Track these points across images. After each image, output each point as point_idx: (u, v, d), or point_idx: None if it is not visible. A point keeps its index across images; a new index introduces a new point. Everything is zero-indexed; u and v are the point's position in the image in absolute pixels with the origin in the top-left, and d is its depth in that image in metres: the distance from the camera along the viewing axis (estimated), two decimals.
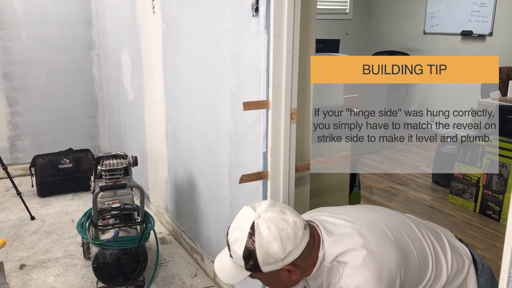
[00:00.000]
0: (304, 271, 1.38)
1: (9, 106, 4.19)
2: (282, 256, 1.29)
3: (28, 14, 4.11)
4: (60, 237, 3.11)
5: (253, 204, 1.38)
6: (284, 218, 1.31)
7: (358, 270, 1.30)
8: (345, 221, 1.43)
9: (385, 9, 6.61)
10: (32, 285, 2.53)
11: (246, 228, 1.30)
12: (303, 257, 1.33)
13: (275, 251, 1.28)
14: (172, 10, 2.67)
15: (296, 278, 1.36)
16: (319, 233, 1.40)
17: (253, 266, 1.30)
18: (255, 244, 1.28)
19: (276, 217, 1.31)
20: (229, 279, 1.41)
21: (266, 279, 1.38)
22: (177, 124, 2.83)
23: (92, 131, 4.63)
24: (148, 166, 3.44)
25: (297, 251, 1.30)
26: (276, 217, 1.31)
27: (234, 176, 2.17)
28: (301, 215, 1.41)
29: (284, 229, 1.29)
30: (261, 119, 1.91)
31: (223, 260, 1.40)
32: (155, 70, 3.03)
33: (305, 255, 1.33)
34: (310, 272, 1.39)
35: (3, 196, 3.82)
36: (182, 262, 2.78)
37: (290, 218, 1.32)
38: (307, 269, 1.38)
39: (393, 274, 1.31)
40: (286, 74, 1.82)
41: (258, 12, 1.83)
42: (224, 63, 2.16)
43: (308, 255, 1.35)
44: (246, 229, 1.30)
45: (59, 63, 4.33)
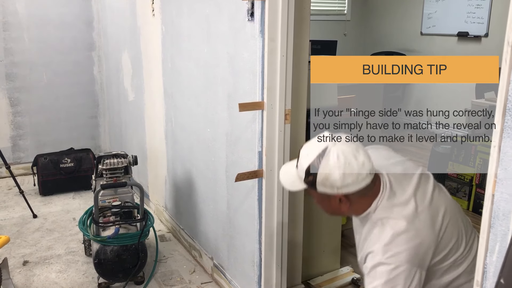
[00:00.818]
0: (353, 209, 1.49)
1: (11, 106, 4.27)
2: (339, 185, 1.40)
3: (30, 16, 4.19)
4: (62, 234, 3.18)
5: (334, 134, 1.46)
6: (355, 155, 1.40)
7: (394, 240, 1.37)
8: (413, 197, 1.47)
9: (382, 10, 6.68)
10: (35, 281, 2.60)
11: (318, 149, 1.41)
12: (357, 196, 1.44)
13: (334, 178, 1.39)
14: (171, 13, 2.74)
15: (345, 210, 1.49)
16: (381, 188, 1.48)
17: (311, 182, 1.44)
18: (320, 165, 1.40)
19: (348, 151, 1.40)
20: (288, 185, 1.57)
21: (318, 198, 1.52)
22: (176, 124, 2.91)
23: (93, 131, 4.70)
24: (147, 165, 3.51)
25: (353, 187, 1.41)
26: (349, 151, 1.40)
27: (231, 175, 2.24)
28: (390, 153, 1.62)
29: (351, 164, 1.39)
30: (257, 119, 1.98)
31: (289, 168, 1.55)
32: (155, 71, 3.10)
33: (360, 195, 1.44)
34: (358, 213, 1.51)
35: (5, 194, 3.89)
36: (181, 258, 2.85)
37: (361, 158, 1.41)
38: (357, 209, 1.50)
39: (425, 256, 1.40)
40: (280, 77, 1.89)
41: (254, 17, 1.90)
42: (221, 65, 2.24)
43: (362, 197, 1.45)
44: (318, 150, 1.41)
45: (60, 64, 4.40)
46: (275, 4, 1.81)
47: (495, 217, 1.10)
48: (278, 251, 2.10)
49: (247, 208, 2.17)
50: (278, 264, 2.12)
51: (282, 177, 1.59)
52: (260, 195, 2.05)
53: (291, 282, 2.35)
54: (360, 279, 2.59)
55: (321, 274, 2.64)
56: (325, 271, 2.66)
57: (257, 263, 2.14)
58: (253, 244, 2.15)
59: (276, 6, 1.82)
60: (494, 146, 1.09)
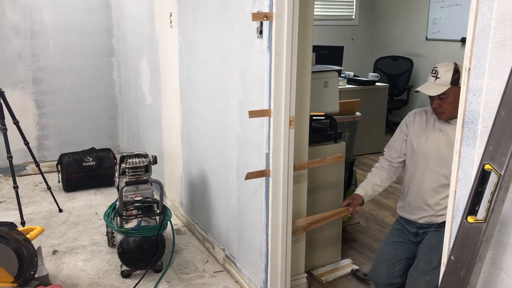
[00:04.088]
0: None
1: (37, 109, 4.57)
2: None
3: (55, 24, 4.49)
4: (86, 227, 3.46)
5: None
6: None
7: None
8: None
9: (389, 15, 6.89)
10: (64, 268, 2.88)
11: (452, 62, 2.28)
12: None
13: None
14: (187, 26, 3.01)
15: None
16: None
17: (456, 79, 2.23)
18: (459, 67, 2.26)
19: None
20: (430, 91, 2.29)
21: (453, 95, 2.25)
22: (191, 127, 3.17)
23: (112, 131, 5.00)
24: (164, 164, 3.79)
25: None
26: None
27: (241, 174, 2.49)
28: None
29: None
30: (264, 125, 2.23)
31: (426, 85, 2.32)
32: (172, 78, 3.37)
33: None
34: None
35: (32, 190, 4.20)
36: (195, 250, 3.12)
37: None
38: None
39: None
40: (285, 87, 2.14)
41: (262, 34, 2.15)
42: (233, 75, 2.49)
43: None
44: (452, 62, 2.28)
45: (82, 69, 4.70)
46: (281, 24, 2.06)
47: (456, 210, 1.34)
48: (283, 242, 2.35)
49: (255, 203, 2.42)
50: (283, 254, 2.37)
51: (425, 90, 2.31)
52: (267, 192, 2.30)
53: (295, 272, 2.60)
54: (359, 270, 2.84)
55: (323, 265, 2.89)
56: (326, 263, 2.91)
57: (264, 253, 2.40)
58: (260, 236, 2.41)
59: (282, 25, 2.07)
60: (456, 152, 1.33)
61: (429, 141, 2.41)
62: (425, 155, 2.42)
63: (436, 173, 2.38)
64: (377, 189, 2.59)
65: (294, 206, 2.40)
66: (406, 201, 2.55)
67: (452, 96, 2.28)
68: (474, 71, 1.24)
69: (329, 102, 2.76)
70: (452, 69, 2.27)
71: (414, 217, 2.51)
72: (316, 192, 2.75)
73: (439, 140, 2.38)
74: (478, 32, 1.21)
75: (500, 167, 1.04)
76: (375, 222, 3.59)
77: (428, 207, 2.43)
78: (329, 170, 2.78)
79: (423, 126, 2.47)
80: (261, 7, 2.12)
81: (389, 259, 2.55)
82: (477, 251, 1.05)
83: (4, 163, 4.33)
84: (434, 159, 2.38)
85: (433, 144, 2.39)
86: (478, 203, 1.10)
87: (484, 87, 1.21)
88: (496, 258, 1.22)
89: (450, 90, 2.27)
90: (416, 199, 2.48)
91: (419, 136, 2.46)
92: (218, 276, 2.79)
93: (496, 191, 1.04)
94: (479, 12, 1.20)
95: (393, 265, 2.54)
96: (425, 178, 2.42)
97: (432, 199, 2.41)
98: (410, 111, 2.59)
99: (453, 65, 2.28)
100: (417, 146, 2.46)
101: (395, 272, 2.53)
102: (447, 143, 2.34)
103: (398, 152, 2.56)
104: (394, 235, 2.64)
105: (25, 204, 3.80)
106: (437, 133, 2.39)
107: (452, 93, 2.28)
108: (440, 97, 2.29)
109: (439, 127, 2.39)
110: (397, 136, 2.58)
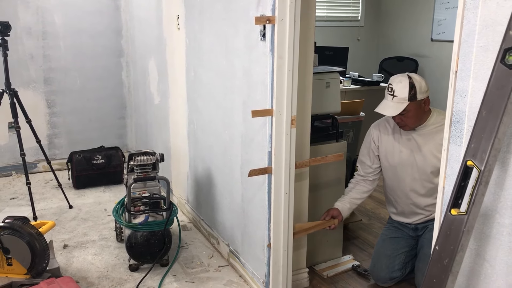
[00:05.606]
0: (427, 113, 2.44)
1: (48, 108, 4.70)
2: (426, 89, 2.35)
3: (66, 26, 4.61)
4: (95, 223, 3.57)
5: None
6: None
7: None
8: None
9: (394, 16, 6.94)
10: (75, 261, 2.99)
11: (406, 77, 2.33)
12: (428, 101, 2.40)
13: (424, 85, 2.34)
14: (194, 28, 3.10)
15: (427, 109, 2.41)
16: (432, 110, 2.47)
17: (413, 94, 2.30)
18: (414, 81, 2.31)
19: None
20: (390, 112, 2.34)
21: (413, 109, 2.33)
22: (197, 126, 3.27)
23: (121, 130, 5.11)
24: (171, 162, 3.89)
25: (428, 92, 2.37)
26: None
27: (245, 172, 2.57)
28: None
29: (424, 81, 2.37)
30: (267, 124, 2.32)
31: (384, 104, 2.38)
32: (179, 78, 3.47)
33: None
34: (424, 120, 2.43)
35: (43, 187, 4.32)
36: (200, 245, 3.22)
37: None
38: (427, 113, 2.44)
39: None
40: (287, 88, 2.23)
41: (265, 37, 2.24)
42: (237, 76, 2.58)
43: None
44: (406, 77, 2.33)
45: (92, 70, 4.82)
46: (283, 27, 2.15)
47: (444, 204, 1.42)
48: (285, 237, 2.43)
49: (258, 200, 2.51)
50: (285, 249, 2.45)
51: (383, 111, 2.37)
52: (269, 189, 2.38)
53: (297, 266, 2.68)
54: (360, 266, 2.92)
55: (325, 261, 2.97)
56: (328, 259, 2.99)
57: (267, 248, 2.48)
58: (263, 231, 2.49)
59: (284, 29, 2.15)
60: (444, 149, 1.41)
61: (403, 153, 2.50)
62: (403, 166, 2.51)
63: (420, 180, 2.46)
64: (356, 202, 2.67)
65: (296, 203, 2.48)
66: (399, 210, 2.63)
67: (413, 111, 2.34)
68: (460, 74, 1.31)
69: (331, 102, 2.84)
70: (408, 85, 2.29)
71: (410, 221, 2.59)
72: (318, 190, 2.83)
73: (411, 149, 2.47)
74: (464, 37, 1.29)
75: (481, 163, 1.12)
76: (377, 220, 3.66)
77: (422, 210, 2.52)
78: (331, 168, 2.86)
79: (391, 140, 2.54)
80: (264, 11, 2.21)
81: (389, 254, 2.63)
82: (459, 241, 1.13)
83: (16, 161, 4.48)
84: (413, 168, 2.47)
85: (408, 154, 2.48)
86: (461, 197, 1.18)
87: (470, 88, 1.29)
88: (480, 250, 1.30)
89: (409, 106, 2.31)
90: (408, 207, 2.57)
91: (392, 151, 2.54)
92: (222, 271, 2.88)
93: (477, 185, 1.12)
94: (464, 18, 1.28)
95: (393, 260, 2.62)
96: (411, 186, 2.50)
97: (425, 202, 2.49)
98: (372, 124, 2.67)
99: (407, 80, 2.31)
100: (393, 161, 2.55)
101: (395, 266, 2.61)
102: (419, 150, 2.43)
103: (371, 168, 2.65)
104: (392, 231, 2.72)
105: (37, 200, 3.91)
106: (408, 143, 2.48)
107: (412, 108, 2.33)
108: (401, 113, 2.34)
109: (407, 136, 2.49)
110: (367, 153, 2.66)
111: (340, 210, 2.61)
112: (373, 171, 2.64)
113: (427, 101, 2.39)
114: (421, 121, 2.43)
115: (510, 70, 1.08)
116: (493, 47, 1.20)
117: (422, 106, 2.38)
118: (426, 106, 2.40)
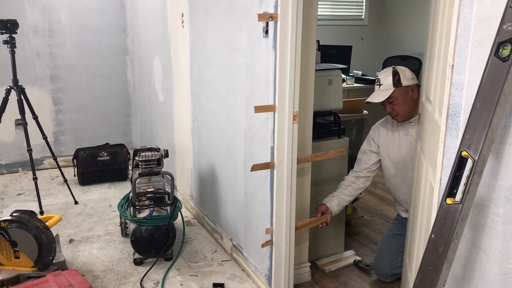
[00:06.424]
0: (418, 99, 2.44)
1: (54, 105, 4.76)
2: (411, 76, 2.46)
3: (72, 24, 4.67)
4: (100, 218, 3.62)
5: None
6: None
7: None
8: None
9: (398, 15, 6.96)
10: (80, 255, 3.04)
11: (390, 68, 2.46)
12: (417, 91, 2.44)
13: (408, 73, 2.46)
14: (198, 26, 3.14)
15: (415, 96, 2.46)
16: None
17: (398, 80, 2.41)
18: (397, 69, 2.44)
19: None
20: (377, 99, 2.47)
21: (400, 96, 2.43)
22: (201, 123, 3.31)
23: (126, 128, 5.17)
24: (175, 158, 3.93)
25: (416, 80, 2.47)
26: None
27: (248, 167, 2.61)
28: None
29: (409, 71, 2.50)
30: (269, 120, 2.36)
31: (373, 94, 2.51)
32: (183, 76, 3.51)
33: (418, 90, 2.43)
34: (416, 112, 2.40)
35: (49, 183, 4.38)
36: (204, 240, 3.26)
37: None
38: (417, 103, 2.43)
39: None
40: (289, 84, 2.26)
41: (268, 34, 2.28)
42: (241, 73, 2.62)
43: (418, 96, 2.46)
44: (390, 68, 2.46)
45: (97, 67, 4.88)
46: (285, 24, 2.18)
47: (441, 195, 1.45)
48: (287, 231, 2.47)
49: (261, 195, 2.55)
50: (287, 243, 2.49)
51: (371, 99, 2.50)
52: (272, 184, 2.42)
53: (299, 261, 2.72)
54: (361, 261, 2.95)
55: (327, 256, 3.01)
56: (330, 254, 3.03)
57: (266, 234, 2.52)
58: (266, 225, 2.53)
59: (286, 25, 2.19)
60: (441, 142, 1.44)
61: (402, 148, 2.56)
62: (404, 162, 2.56)
63: None
64: (345, 198, 2.71)
65: (298, 198, 2.52)
66: (405, 207, 2.66)
67: (400, 97, 2.45)
68: (457, 68, 1.35)
69: (333, 99, 2.87)
70: (391, 73, 2.44)
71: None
72: (320, 185, 2.87)
73: (409, 143, 2.52)
74: (460, 32, 1.32)
75: (475, 153, 1.15)
76: (379, 217, 3.69)
77: None
78: (333, 164, 2.89)
79: (390, 136, 2.62)
80: (266, 8, 2.25)
81: (393, 250, 2.67)
82: (454, 229, 1.17)
83: (23, 158, 4.54)
84: (413, 161, 2.46)
85: (407, 149, 2.54)
86: (456, 187, 1.21)
87: (466, 82, 1.32)
88: (476, 239, 1.33)
89: (395, 92, 2.44)
90: None
91: (392, 148, 2.60)
92: (225, 265, 2.92)
93: (471, 175, 1.15)
94: (460, 13, 1.31)
95: (396, 256, 2.65)
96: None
97: None
98: (372, 126, 2.77)
99: (391, 70, 2.46)
100: (394, 157, 2.60)
101: (398, 262, 2.64)
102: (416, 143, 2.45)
103: (366, 164, 2.71)
104: (398, 228, 2.76)
105: (43, 196, 3.96)
106: (405, 138, 2.54)
107: (399, 94, 2.45)
108: (389, 101, 2.47)
109: (404, 131, 2.55)
110: (364, 150, 2.74)
111: (327, 206, 2.66)
112: (367, 168, 2.71)
113: (414, 88, 2.47)
114: (412, 111, 2.50)
115: (504, 63, 1.11)
116: (488, 41, 1.23)
117: (410, 94, 2.47)
118: (414, 93, 2.48)
